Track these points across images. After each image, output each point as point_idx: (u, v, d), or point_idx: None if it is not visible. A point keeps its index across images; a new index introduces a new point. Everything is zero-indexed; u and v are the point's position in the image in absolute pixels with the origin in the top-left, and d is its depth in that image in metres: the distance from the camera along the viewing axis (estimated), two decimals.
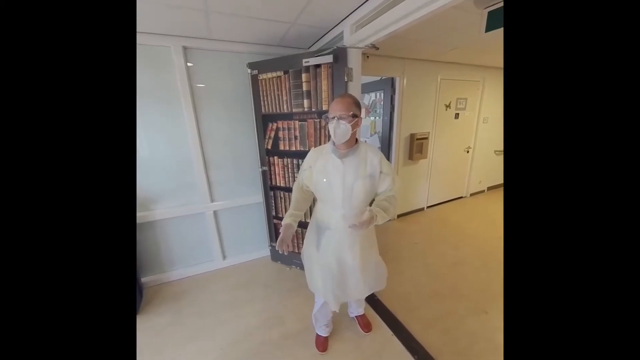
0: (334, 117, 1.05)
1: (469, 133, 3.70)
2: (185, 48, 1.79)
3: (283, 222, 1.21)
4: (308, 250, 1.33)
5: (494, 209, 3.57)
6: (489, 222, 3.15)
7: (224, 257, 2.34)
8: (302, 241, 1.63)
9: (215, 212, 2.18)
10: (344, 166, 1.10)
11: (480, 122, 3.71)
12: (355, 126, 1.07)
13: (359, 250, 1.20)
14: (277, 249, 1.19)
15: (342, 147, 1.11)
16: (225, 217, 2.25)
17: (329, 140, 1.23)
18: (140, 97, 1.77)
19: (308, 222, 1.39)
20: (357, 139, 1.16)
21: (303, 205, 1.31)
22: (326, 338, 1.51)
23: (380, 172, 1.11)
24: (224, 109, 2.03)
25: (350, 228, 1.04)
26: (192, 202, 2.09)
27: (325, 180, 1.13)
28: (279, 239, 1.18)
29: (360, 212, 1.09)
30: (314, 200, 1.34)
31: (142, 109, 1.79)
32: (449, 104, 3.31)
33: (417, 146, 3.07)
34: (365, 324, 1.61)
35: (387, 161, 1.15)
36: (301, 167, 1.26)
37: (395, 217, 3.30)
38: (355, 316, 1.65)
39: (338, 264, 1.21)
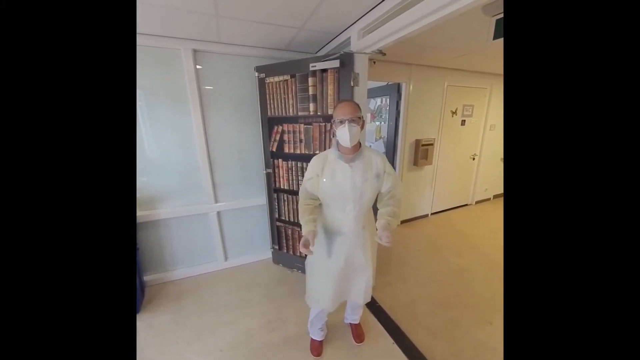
0: (344, 121, 1.07)
1: (475, 140, 3.67)
2: (195, 51, 1.82)
3: (306, 230, 1.15)
4: (317, 260, 1.29)
5: (500, 217, 3.51)
6: (494, 230, 3.10)
7: (226, 258, 2.34)
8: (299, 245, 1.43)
9: (218, 213, 2.19)
10: (352, 170, 1.14)
11: (487, 130, 3.68)
12: (361, 128, 1.13)
13: (370, 248, 1.28)
14: (302, 252, 1.11)
15: (348, 152, 1.15)
16: (229, 218, 2.26)
17: (331, 145, 1.25)
18: (150, 98, 1.80)
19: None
20: (360, 143, 1.19)
21: (315, 210, 1.26)
22: (321, 342, 1.49)
23: (384, 172, 1.18)
24: (230, 112, 2.06)
25: (377, 241, 1.11)
26: (197, 203, 2.10)
27: (335, 185, 1.15)
28: (301, 244, 1.11)
29: (367, 212, 1.22)
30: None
31: (151, 110, 1.82)
32: (455, 111, 3.29)
33: (422, 152, 3.05)
34: (358, 335, 1.55)
35: (388, 162, 1.22)
36: (305, 176, 1.25)
37: (399, 223, 3.28)
38: (350, 323, 1.60)
39: (346, 264, 1.26)
